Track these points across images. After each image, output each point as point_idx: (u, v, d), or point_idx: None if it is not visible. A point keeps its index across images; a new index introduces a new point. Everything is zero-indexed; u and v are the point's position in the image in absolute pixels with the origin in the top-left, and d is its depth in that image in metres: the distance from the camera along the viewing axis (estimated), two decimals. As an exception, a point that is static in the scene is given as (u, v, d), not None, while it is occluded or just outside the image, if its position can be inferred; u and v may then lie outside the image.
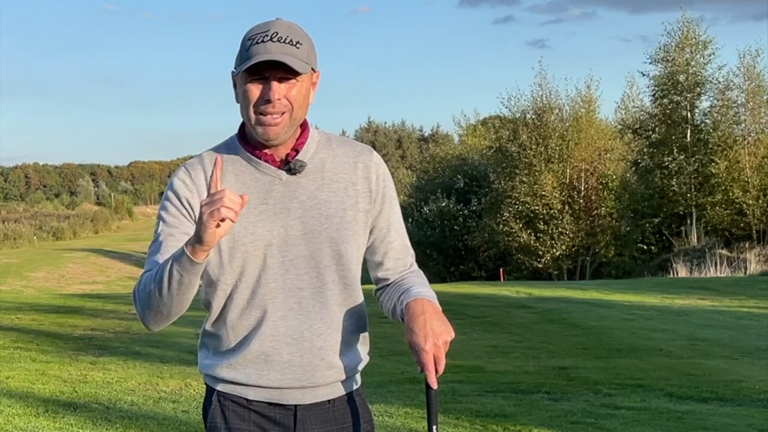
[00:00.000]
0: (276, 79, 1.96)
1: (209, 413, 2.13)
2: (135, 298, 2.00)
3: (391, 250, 2.18)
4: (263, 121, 1.99)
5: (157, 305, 1.93)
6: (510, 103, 33.40)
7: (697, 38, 31.43)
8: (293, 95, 1.99)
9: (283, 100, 1.98)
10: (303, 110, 2.04)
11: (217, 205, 1.77)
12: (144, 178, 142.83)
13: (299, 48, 1.97)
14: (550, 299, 16.30)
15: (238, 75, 2.01)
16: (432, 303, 2.04)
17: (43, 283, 33.11)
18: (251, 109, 1.99)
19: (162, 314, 1.96)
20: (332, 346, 2.08)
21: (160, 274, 1.90)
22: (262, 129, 2.00)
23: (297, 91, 1.99)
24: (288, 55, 1.94)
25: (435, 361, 1.95)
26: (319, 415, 2.11)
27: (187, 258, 1.83)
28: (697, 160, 30.75)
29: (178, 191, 2.05)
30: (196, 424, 5.82)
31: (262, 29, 1.98)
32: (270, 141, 2.02)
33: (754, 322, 12.86)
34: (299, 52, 1.97)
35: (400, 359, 8.96)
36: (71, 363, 8.50)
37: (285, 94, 1.98)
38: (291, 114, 2.00)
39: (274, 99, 1.96)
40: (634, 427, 6.20)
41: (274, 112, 1.98)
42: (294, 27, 2.01)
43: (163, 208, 2.06)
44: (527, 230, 30.80)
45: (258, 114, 1.99)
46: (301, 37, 1.99)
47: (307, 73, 1.99)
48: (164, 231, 2.02)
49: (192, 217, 2.03)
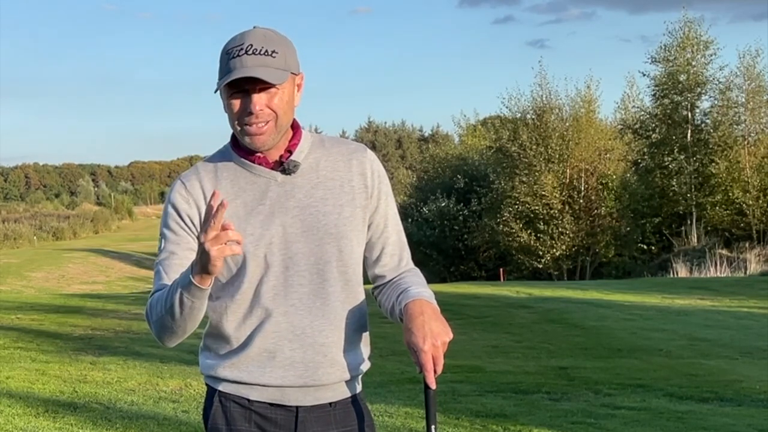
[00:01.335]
0: (256, 90, 1.99)
1: (210, 414, 2.13)
2: (148, 321, 2.07)
3: (388, 246, 2.20)
4: (249, 132, 2.02)
5: (171, 327, 2.00)
6: (510, 103, 33.40)
7: (699, 38, 31.44)
8: (276, 104, 2.01)
9: (266, 110, 2.00)
10: (288, 115, 2.06)
11: (222, 240, 1.81)
12: (144, 178, 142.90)
13: (275, 57, 1.98)
14: (550, 299, 16.30)
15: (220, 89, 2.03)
16: (430, 304, 2.05)
17: (43, 283, 33.15)
18: (236, 121, 2.03)
19: (177, 334, 2.02)
20: (334, 342, 2.09)
21: (170, 301, 1.95)
22: (249, 139, 2.03)
23: (279, 99, 2.01)
24: (264, 67, 1.97)
25: (434, 362, 1.97)
26: (320, 418, 2.11)
27: (195, 287, 1.89)
28: (697, 160, 30.75)
29: (177, 206, 2.08)
30: (196, 424, 5.82)
31: (238, 42, 2.00)
32: (258, 149, 2.05)
33: (754, 322, 12.86)
34: (275, 62, 1.98)
35: (400, 359, 8.95)
36: (71, 363, 8.50)
37: (267, 103, 2.00)
38: (276, 122, 2.03)
39: (256, 111, 1.99)
40: (635, 427, 6.20)
41: (258, 122, 2.00)
42: (269, 35, 2.02)
43: (165, 225, 2.10)
44: (527, 230, 30.78)
45: (243, 125, 2.02)
46: (277, 44, 2.01)
47: (285, 81, 2.00)
48: (167, 249, 2.08)
49: (193, 230, 2.07)
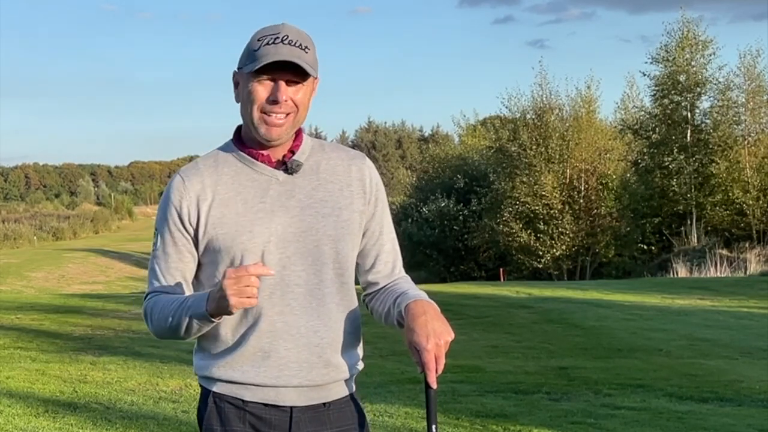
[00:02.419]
0: (283, 80, 2.01)
1: (205, 416, 2.13)
2: (147, 322, 2.12)
3: (382, 253, 2.21)
4: (268, 121, 2.03)
5: (172, 336, 2.09)
6: (510, 103, 33.38)
7: (698, 38, 31.42)
8: (299, 98, 2.04)
9: (290, 101, 2.02)
10: (304, 114, 2.08)
11: (244, 287, 1.87)
12: (144, 178, 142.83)
13: (307, 53, 2.02)
14: (550, 299, 16.30)
15: (243, 74, 2.04)
16: (432, 304, 2.06)
17: (43, 283, 33.13)
18: (256, 108, 2.03)
19: (178, 339, 2.10)
20: (329, 343, 2.10)
21: (176, 320, 2.01)
22: (265, 128, 2.03)
23: (303, 95, 2.04)
24: (299, 59, 1.99)
25: (435, 361, 1.97)
26: (314, 418, 2.12)
27: (208, 320, 1.98)
28: (697, 160, 30.73)
29: (174, 204, 2.09)
30: (195, 424, 5.78)
31: (273, 31, 2.01)
32: (272, 141, 2.05)
33: (754, 322, 12.86)
34: (308, 57, 2.01)
35: (400, 359, 8.96)
36: (71, 363, 8.50)
37: (291, 96, 2.02)
38: (295, 116, 2.05)
39: (281, 100, 2.01)
40: (635, 427, 6.20)
41: (280, 113, 2.02)
42: (302, 32, 2.05)
43: (161, 222, 2.11)
44: (527, 230, 30.78)
45: (263, 113, 2.02)
46: (309, 42, 2.04)
47: (314, 77, 2.05)
48: (162, 248, 2.10)
49: (189, 230, 2.08)
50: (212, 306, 1.92)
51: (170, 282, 2.10)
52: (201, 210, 2.06)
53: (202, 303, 1.95)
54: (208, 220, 2.06)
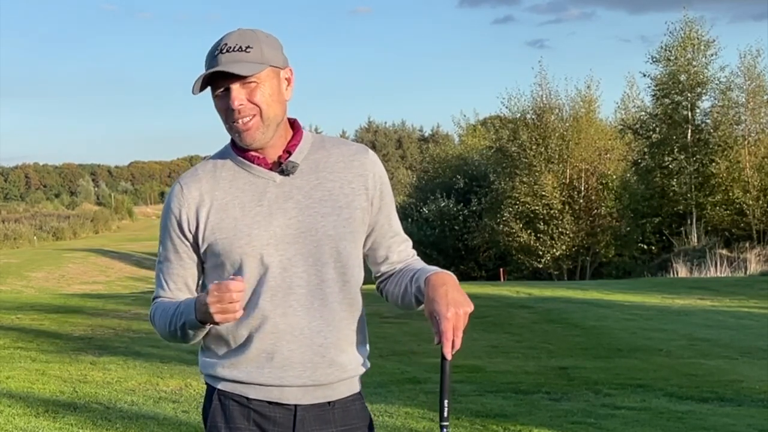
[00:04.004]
0: (235, 87, 2.01)
1: (210, 412, 2.14)
2: (154, 325, 2.20)
3: (394, 245, 2.23)
4: (236, 128, 2.05)
5: (177, 340, 2.16)
6: (510, 103, 33.38)
7: (700, 38, 31.41)
8: (258, 98, 2.03)
9: (247, 104, 2.02)
10: (275, 109, 2.06)
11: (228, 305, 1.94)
12: (144, 178, 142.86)
13: (249, 52, 2.01)
14: (550, 299, 16.29)
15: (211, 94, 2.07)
16: (452, 276, 2.08)
17: (43, 283, 33.14)
18: (225, 121, 2.07)
19: (185, 343, 2.18)
20: (332, 343, 2.10)
21: (173, 325, 2.09)
22: (239, 136, 2.06)
23: (261, 93, 2.03)
24: (235, 63, 1.99)
25: (453, 332, 1.98)
26: (319, 417, 2.12)
27: (199, 327, 2.05)
28: (697, 160, 30.74)
29: (174, 212, 2.12)
30: (196, 424, 5.82)
31: (215, 46, 2.05)
32: (251, 145, 2.07)
33: (754, 322, 12.85)
34: (249, 56, 2.01)
35: (401, 359, 8.96)
36: (71, 363, 8.50)
37: (248, 98, 2.02)
38: (261, 115, 2.04)
39: (236, 106, 2.02)
40: (635, 427, 6.20)
41: (242, 117, 2.03)
42: (246, 34, 2.05)
43: (163, 230, 2.16)
44: (527, 230, 30.79)
45: (230, 123, 2.05)
46: (251, 41, 2.03)
47: (259, 72, 2.02)
48: (164, 255, 2.17)
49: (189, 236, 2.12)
50: (200, 315, 2.00)
51: (173, 288, 2.16)
52: (200, 216, 2.08)
53: (191, 311, 2.02)
54: (206, 226, 2.08)
